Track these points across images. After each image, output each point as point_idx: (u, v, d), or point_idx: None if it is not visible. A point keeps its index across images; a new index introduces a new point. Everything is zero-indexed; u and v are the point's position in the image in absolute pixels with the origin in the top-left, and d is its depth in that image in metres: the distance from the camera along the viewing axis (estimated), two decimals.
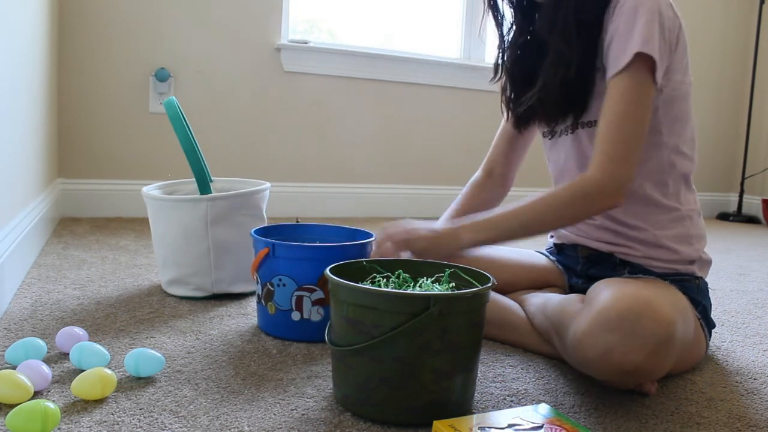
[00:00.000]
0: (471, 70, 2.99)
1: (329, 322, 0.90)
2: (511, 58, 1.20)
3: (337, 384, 0.88)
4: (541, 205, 1.02)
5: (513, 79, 1.20)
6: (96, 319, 1.19)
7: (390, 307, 0.80)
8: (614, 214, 1.12)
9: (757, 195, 3.65)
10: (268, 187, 1.45)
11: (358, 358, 0.83)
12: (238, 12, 2.52)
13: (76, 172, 2.38)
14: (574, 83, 1.06)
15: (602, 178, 0.98)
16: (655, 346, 0.84)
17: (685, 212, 1.11)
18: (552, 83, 1.07)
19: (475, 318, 0.84)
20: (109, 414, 0.81)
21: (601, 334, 0.86)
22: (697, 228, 1.12)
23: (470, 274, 0.95)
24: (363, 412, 0.84)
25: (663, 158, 1.09)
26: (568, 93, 1.07)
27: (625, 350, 0.84)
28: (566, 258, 1.24)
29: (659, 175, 1.09)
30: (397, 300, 0.80)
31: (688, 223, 1.11)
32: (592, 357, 0.87)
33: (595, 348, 0.86)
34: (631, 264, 1.12)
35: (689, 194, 1.13)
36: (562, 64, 1.05)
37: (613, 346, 0.84)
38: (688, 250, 1.10)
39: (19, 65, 1.50)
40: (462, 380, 0.84)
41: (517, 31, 1.19)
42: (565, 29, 1.04)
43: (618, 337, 0.84)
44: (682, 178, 1.11)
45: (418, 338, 0.80)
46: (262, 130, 2.63)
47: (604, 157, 0.99)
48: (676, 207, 1.10)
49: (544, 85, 1.09)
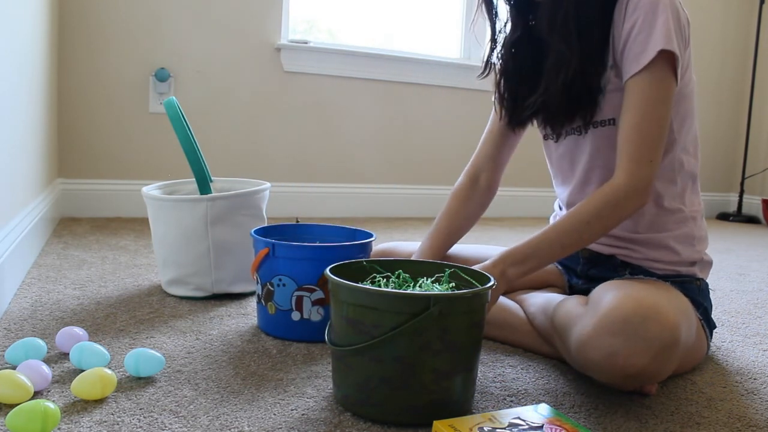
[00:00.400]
0: (471, 70, 2.99)
1: (329, 322, 0.90)
2: (505, 56, 1.16)
3: (337, 384, 0.88)
4: (575, 223, 1.00)
5: (507, 78, 1.17)
6: (96, 319, 1.19)
7: (390, 307, 0.80)
8: None
9: (757, 195, 3.65)
10: (268, 187, 1.45)
11: (358, 358, 0.83)
12: (238, 12, 2.52)
13: (76, 172, 2.38)
14: (576, 85, 1.03)
15: (630, 182, 0.98)
16: (660, 350, 0.84)
17: (689, 213, 1.11)
18: (554, 86, 1.05)
19: (475, 318, 0.84)
20: (109, 414, 0.81)
21: (606, 338, 0.85)
22: (700, 230, 1.12)
23: (470, 274, 0.95)
24: (363, 412, 0.84)
25: (674, 156, 1.08)
26: (572, 95, 1.05)
27: (629, 353, 0.84)
28: (566, 258, 1.23)
29: (670, 173, 1.09)
30: (397, 300, 0.80)
31: (692, 225, 1.11)
32: (596, 360, 0.87)
33: (599, 351, 0.86)
34: (632, 265, 1.11)
35: (694, 195, 1.12)
36: (563, 65, 1.03)
37: (617, 349, 0.84)
38: (690, 251, 1.10)
39: (19, 65, 1.50)
40: (462, 380, 0.84)
41: (511, 28, 1.15)
42: (565, 29, 1.02)
43: (622, 340, 0.84)
44: (689, 177, 1.11)
45: (418, 338, 0.80)
46: (262, 130, 2.63)
47: (630, 161, 0.98)
48: (681, 208, 1.10)
49: (546, 88, 1.06)
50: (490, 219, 3.03)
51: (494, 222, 2.93)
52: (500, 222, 2.95)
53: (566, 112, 1.07)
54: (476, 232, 2.55)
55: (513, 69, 1.15)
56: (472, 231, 2.57)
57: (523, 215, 3.18)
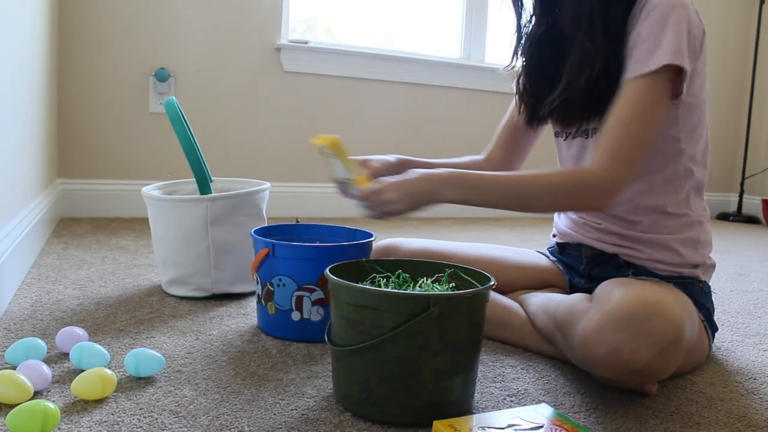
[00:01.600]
0: (471, 70, 2.99)
1: (329, 322, 0.90)
2: (528, 50, 1.14)
3: (337, 384, 0.88)
4: (534, 185, 0.98)
5: (529, 73, 1.15)
6: (96, 319, 1.19)
7: (390, 307, 0.80)
8: (625, 216, 1.10)
9: (757, 195, 3.65)
10: (268, 187, 1.45)
11: (358, 358, 0.83)
12: (238, 12, 2.52)
13: (76, 172, 2.38)
14: (600, 84, 1.01)
15: (603, 176, 0.95)
16: (665, 346, 0.84)
17: (695, 218, 1.10)
18: (576, 84, 1.03)
19: (475, 318, 0.84)
20: (109, 414, 0.81)
21: (610, 332, 0.85)
22: (705, 234, 1.12)
23: (470, 274, 0.95)
24: (363, 412, 0.84)
25: (680, 166, 1.07)
26: (594, 95, 1.02)
27: (634, 349, 0.84)
28: (569, 257, 1.24)
29: (675, 182, 1.08)
30: (397, 300, 0.80)
31: (698, 229, 1.11)
32: (600, 355, 0.87)
33: (603, 346, 0.86)
34: (635, 266, 1.11)
35: (698, 201, 1.12)
36: (587, 63, 1.01)
37: (621, 344, 0.84)
38: (693, 254, 1.10)
39: (19, 65, 1.50)
40: (462, 380, 0.84)
41: (535, 23, 1.13)
42: (591, 27, 1.00)
43: (627, 335, 0.84)
44: (696, 185, 1.10)
45: (418, 338, 0.80)
46: (263, 130, 2.63)
47: (611, 158, 0.95)
48: (687, 213, 1.09)
49: (567, 85, 1.04)
50: (490, 219, 3.03)
51: (494, 222, 2.94)
52: (500, 222, 2.95)
53: (586, 112, 1.06)
54: (476, 232, 2.55)
55: (535, 64, 1.14)
56: (472, 231, 2.58)
57: (523, 215, 3.18)
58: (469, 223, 2.83)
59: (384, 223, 2.68)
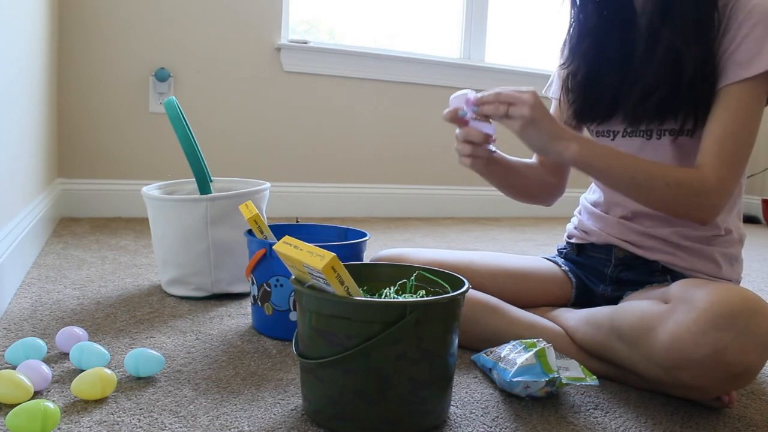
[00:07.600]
0: (471, 70, 2.99)
1: (295, 332, 0.85)
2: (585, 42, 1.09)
3: (307, 398, 0.83)
4: (657, 175, 0.94)
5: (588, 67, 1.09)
6: (96, 319, 1.19)
7: (363, 317, 0.75)
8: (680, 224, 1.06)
9: (757, 195, 3.65)
10: (267, 187, 1.45)
11: (330, 370, 0.78)
12: (238, 12, 2.53)
13: (75, 172, 2.38)
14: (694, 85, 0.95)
15: (717, 185, 0.92)
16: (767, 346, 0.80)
17: (736, 236, 1.08)
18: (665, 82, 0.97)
19: (451, 324, 0.80)
20: (109, 414, 0.81)
21: (711, 332, 0.80)
22: (741, 254, 1.11)
23: (437, 276, 0.91)
24: (337, 427, 0.79)
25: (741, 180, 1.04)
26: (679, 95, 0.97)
27: (740, 349, 0.79)
28: (589, 259, 1.18)
29: (735, 197, 1.06)
30: (371, 309, 0.75)
31: (738, 247, 1.09)
32: (698, 358, 0.80)
33: (704, 347, 0.80)
34: (674, 272, 1.08)
35: (739, 221, 1.10)
36: (679, 61, 0.95)
37: (726, 344, 0.79)
38: (730, 271, 1.08)
39: (19, 65, 1.50)
40: (440, 389, 0.81)
41: (596, 11, 1.07)
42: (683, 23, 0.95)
43: (732, 335, 0.79)
44: (737, 201, 1.08)
45: (394, 348, 0.76)
46: (262, 130, 2.63)
47: (722, 166, 0.92)
48: (732, 230, 1.07)
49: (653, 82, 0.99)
50: (490, 219, 3.03)
51: (494, 222, 2.94)
52: (500, 222, 2.95)
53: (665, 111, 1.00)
54: (476, 232, 2.55)
55: (597, 57, 1.08)
56: (472, 231, 2.58)
57: (523, 215, 3.18)
58: (469, 223, 2.83)
59: (384, 224, 2.68)
